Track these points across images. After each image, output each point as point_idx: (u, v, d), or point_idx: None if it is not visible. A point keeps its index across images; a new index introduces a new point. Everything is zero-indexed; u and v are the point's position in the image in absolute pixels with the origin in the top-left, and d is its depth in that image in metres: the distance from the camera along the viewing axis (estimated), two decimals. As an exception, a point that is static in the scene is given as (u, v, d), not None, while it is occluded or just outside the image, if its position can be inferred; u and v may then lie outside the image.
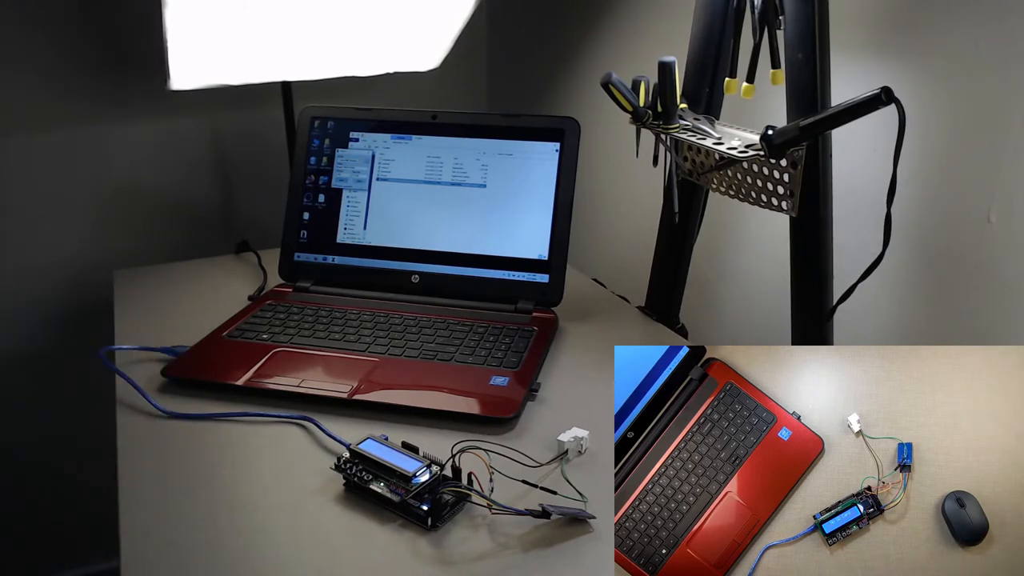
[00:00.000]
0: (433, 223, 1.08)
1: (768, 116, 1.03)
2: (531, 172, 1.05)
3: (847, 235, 0.89)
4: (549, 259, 1.04)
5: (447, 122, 1.09)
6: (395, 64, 1.24)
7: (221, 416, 0.82)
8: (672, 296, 1.09)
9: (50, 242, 1.38)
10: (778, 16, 0.82)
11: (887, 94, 0.72)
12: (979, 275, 0.88)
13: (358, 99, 1.25)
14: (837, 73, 0.82)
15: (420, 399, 0.84)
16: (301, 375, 0.87)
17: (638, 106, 0.91)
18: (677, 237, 1.05)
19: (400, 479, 0.68)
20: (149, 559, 0.64)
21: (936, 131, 0.89)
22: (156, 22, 1.10)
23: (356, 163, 1.10)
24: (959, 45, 0.85)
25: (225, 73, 1.14)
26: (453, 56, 1.31)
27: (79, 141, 1.36)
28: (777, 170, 0.84)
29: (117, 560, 0.64)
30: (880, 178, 0.79)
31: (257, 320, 1.00)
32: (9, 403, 1.41)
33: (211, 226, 1.50)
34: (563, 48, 1.49)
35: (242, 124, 1.47)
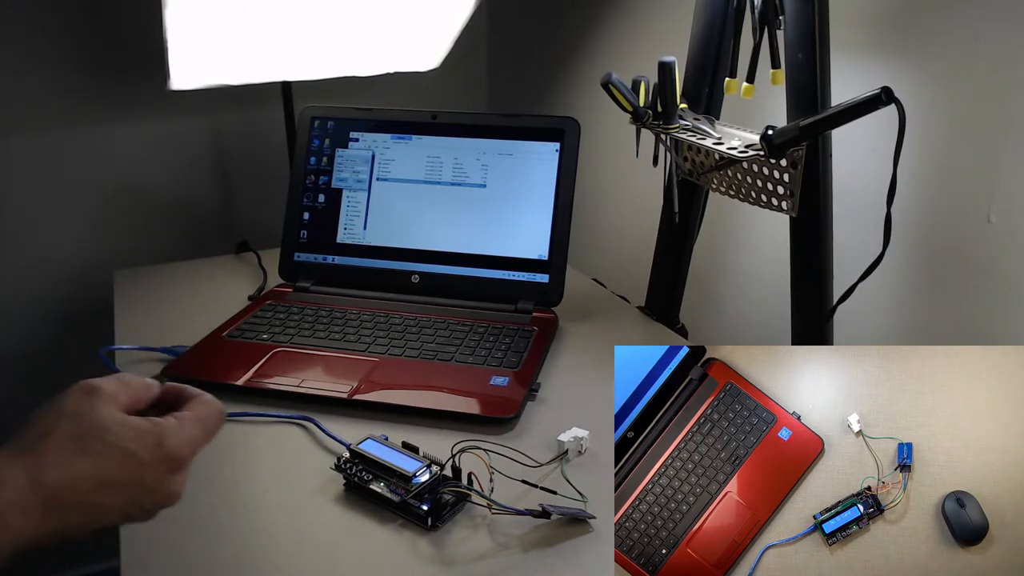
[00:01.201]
0: (433, 223, 1.07)
1: (768, 116, 1.02)
2: (531, 172, 1.05)
3: (847, 235, 0.89)
4: (549, 259, 1.04)
5: (447, 122, 1.09)
6: (395, 64, 1.24)
7: (221, 416, 0.82)
8: (672, 296, 1.09)
9: (50, 242, 1.38)
10: (778, 16, 0.82)
11: (887, 94, 0.72)
12: (979, 275, 0.88)
13: (358, 99, 1.24)
14: (837, 73, 0.82)
15: (420, 399, 0.84)
16: (301, 375, 0.87)
17: (638, 106, 0.91)
18: (677, 237, 1.05)
19: (400, 479, 0.68)
20: (149, 559, 0.64)
21: (936, 131, 0.89)
22: (156, 22, 1.10)
23: (356, 163, 1.10)
24: (959, 45, 0.85)
25: (225, 73, 1.14)
26: (453, 56, 1.31)
27: (79, 141, 1.36)
28: (777, 170, 0.84)
29: (117, 560, 0.64)
30: (880, 178, 0.79)
31: (257, 320, 1.00)
32: (9, 403, 1.41)
33: (211, 226, 1.50)
34: (563, 48, 1.49)
35: (242, 124, 1.47)
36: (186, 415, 0.54)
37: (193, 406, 0.56)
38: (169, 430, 0.53)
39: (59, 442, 0.49)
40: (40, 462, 0.48)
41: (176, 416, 0.54)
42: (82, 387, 0.53)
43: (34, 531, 0.48)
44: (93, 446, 0.50)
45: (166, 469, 0.52)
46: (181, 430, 0.53)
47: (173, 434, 0.52)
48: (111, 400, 0.53)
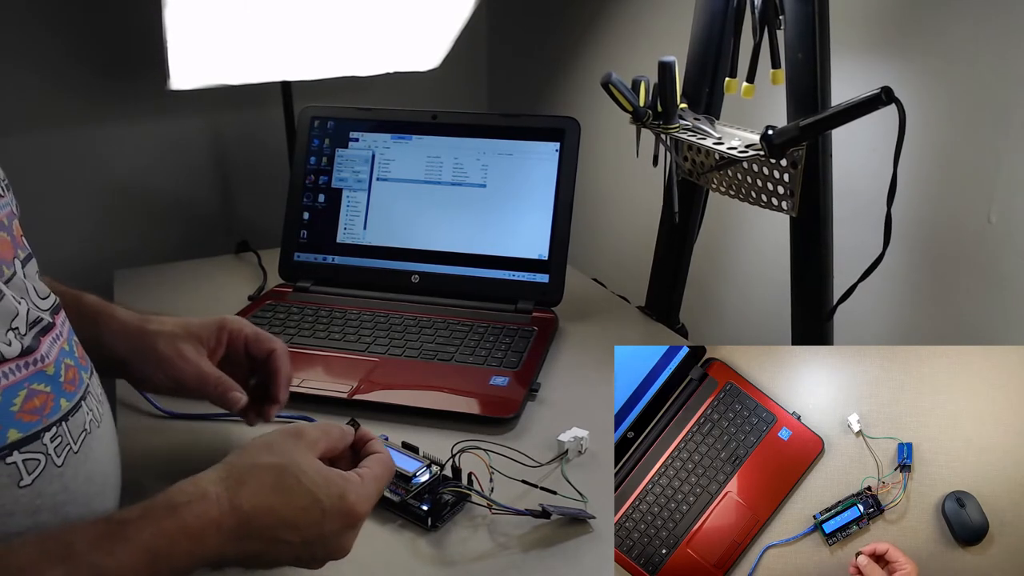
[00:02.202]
0: (433, 223, 1.07)
1: (768, 116, 1.02)
2: (531, 172, 1.05)
3: (847, 235, 0.89)
4: (549, 259, 1.04)
5: (447, 122, 1.09)
6: (395, 64, 1.24)
7: (221, 416, 0.82)
8: (672, 296, 1.09)
9: (50, 242, 1.38)
10: (778, 16, 0.82)
11: (887, 94, 0.72)
12: (979, 275, 0.88)
13: (358, 99, 1.24)
14: (837, 73, 0.82)
15: (420, 399, 0.84)
16: (301, 375, 0.87)
17: (638, 106, 0.91)
18: (677, 237, 1.05)
19: (400, 479, 0.68)
20: (149, 559, 0.64)
21: (936, 131, 0.89)
22: (156, 22, 1.09)
23: (356, 163, 1.10)
24: (959, 45, 0.85)
25: (225, 73, 1.14)
26: (453, 56, 1.31)
27: (79, 141, 1.36)
28: (777, 170, 0.84)
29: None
30: (880, 178, 0.79)
31: (257, 320, 1.00)
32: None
33: (211, 226, 1.49)
34: (563, 48, 1.49)
35: (242, 124, 1.47)
36: (367, 472, 0.57)
37: (372, 463, 0.59)
38: (352, 486, 0.55)
39: (260, 473, 0.53)
40: (241, 487, 0.52)
41: (359, 472, 0.57)
42: (290, 429, 0.58)
43: (221, 550, 0.51)
44: (288, 483, 0.53)
45: (342, 523, 0.54)
46: (362, 487, 0.56)
47: (355, 490, 0.55)
48: (312, 445, 0.57)
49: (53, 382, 0.53)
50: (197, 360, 0.71)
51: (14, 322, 0.51)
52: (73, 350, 0.58)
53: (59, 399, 0.53)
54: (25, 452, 0.50)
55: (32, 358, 0.52)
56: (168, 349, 0.70)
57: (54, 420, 0.52)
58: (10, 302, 0.52)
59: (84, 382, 0.57)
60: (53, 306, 0.58)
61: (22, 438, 0.50)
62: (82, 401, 0.56)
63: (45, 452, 0.51)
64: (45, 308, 0.57)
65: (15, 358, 0.50)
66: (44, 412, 0.52)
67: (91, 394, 0.58)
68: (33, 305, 0.55)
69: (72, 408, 0.54)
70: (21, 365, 0.51)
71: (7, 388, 0.49)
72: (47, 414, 0.52)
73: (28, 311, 0.53)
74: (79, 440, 0.54)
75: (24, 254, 0.59)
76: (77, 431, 0.54)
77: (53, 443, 0.52)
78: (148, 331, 0.71)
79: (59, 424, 0.53)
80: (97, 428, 0.57)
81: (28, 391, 0.51)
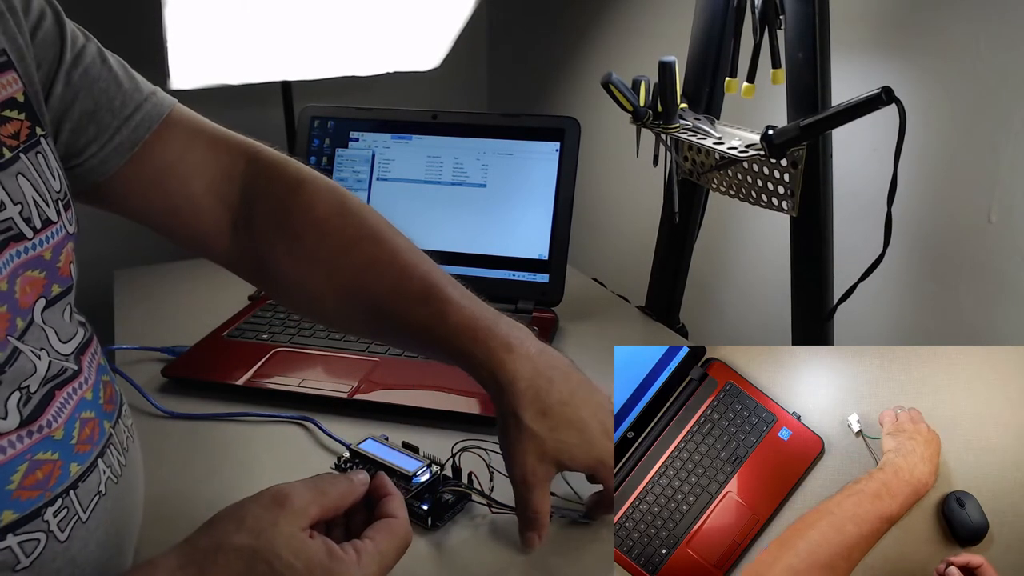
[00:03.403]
0: (433, 223, 1.07)
1: (768, 116, 1.02)
2: (531, 172, 1.05)
3: (847, 235, 0.89)
4: (549, 259, 1.04)
5: (447, 122, 1.09)
6: (395, 64, 1.24)
7: (221, 416, 0.82)
8: (672, 296, 1.09)
9: (50, 242, 1.38)
10: (778, 16, 0.82)
11: (887, 94, 0.72)
12: (979, 275, 0.88)
13: (358, 99, 1.24)
14: (837, 73, 0.82)
15: (420, 399, 0.84)
16: (301, 375, 0.87)
17: (638, 106, 0.91)
18: (677, 237, 1.05)
19: (400, 479, 0.68)
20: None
21: (936, 131, 0.89)
22: (156, 22, 1.09)
23: (356, 163, 1.10)
24: (959, 45, 0.85)
25: (225, 73, 1.14)
26: (453, 56, 1.31)
27: (79, 141, 1.36)
28: (777, 170, 0.84)
29: (117, 560, 0.63)
30: (880, 178, 0.79)
31: (257, 320, 1.00)
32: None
33: (211, 226, 1.49)
34: (563, 48, 1.49)
35: (242, 124, 1.46)
36: (369, 548, 0.49)
37: (381, 533, 0.50)
38: (343, 568, 0.47)
39: (226, 559, 0.45)
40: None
41: (358, 547, 0.49)
42: (273, 494, 0.49)
43: None
44: (259, 570, 0.45)
45: None
46: (357, 568, 0.47)
47: (347, 572, 0.47)
48: (299, 515, 0.48)
49: (62, 447, 0.48)
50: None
51: (25, 382, 0.47)
52: (98, 397, 0.53)
53: (68, 465, 0.48)
54: (22, 534, 0.46)
55: (36, 425, 0.47)
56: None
57: (60, 491, 0.48)
58: (25, 361, 0.47)
59: (105, 434, 0.52)
60: (79, 346, 0.53)
61: (18, 519, 0.45)
62: (99, 459, 0.51)
63: (46, 529, 0.47)
64: (68, 353, 0.51)
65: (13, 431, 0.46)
66: (48, 484, 0.47)
67: (112, 445, 0.53)
68: (55, 353, 0.50)
69: (84, 471, 0.50)
70: (23, 435, 0.46)
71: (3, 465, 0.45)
72: (52, 485, 0.47)
73: (49, 364, 0.48)
74: (90, 507, 0.50)
75: (61, 288, 0.53)
76: (88, 497, 0.50)
77: (56, 518, 0.47)
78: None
79: (66, 495, 0.48)
80: (115, 485, 0.52)
81: (30, 463, 0.46)
